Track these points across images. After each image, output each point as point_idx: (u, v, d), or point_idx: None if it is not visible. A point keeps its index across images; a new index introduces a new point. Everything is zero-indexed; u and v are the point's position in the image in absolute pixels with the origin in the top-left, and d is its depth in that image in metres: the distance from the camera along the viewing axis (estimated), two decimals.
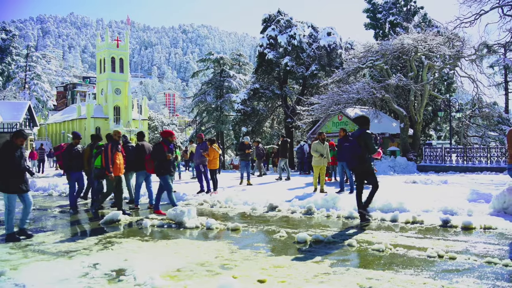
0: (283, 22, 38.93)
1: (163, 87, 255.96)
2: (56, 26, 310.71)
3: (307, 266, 5.31)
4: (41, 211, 11.13)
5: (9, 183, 7.30)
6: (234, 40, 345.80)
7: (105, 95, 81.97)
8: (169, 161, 9.70)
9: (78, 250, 6.46)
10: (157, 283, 4.65)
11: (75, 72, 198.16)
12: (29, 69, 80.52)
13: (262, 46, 38.68)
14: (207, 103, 53.17)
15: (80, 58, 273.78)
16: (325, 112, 26.14)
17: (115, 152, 9.77)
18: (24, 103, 65.84)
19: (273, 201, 10.25)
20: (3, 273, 5.20)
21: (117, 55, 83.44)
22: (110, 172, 9.58)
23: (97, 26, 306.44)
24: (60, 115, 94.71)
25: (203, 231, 7.80)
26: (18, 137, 7.45)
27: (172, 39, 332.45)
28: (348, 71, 27.10)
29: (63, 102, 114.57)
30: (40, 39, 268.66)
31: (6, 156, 7.30)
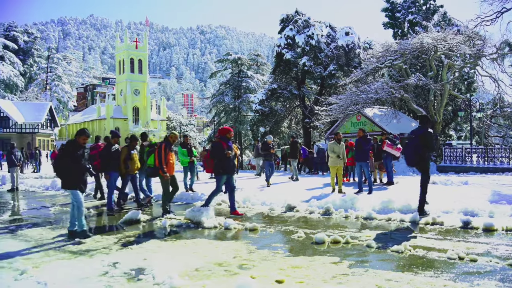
0: (301, 22, 38.82)
1: (181, 87, 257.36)
2: (76, 28, 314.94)
3: (325, 267, 5.29)
4: (62, 210, 11.28)
5: (74, 181, 7.43)
6: (252, 41, 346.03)
7: (124, 96, 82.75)
8: (228, 159, 9.28)
9: (98, 249, 6.53)
10: (176, 282, 4.68)
11: (95, 73, 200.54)
12: (50, 70, 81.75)
13: (280, 46, 38.63)
14: (225, 103, 53.34)
15: (100, 59, 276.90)
16: (343, 112, 26.02)
17: (168, 152, 9.66)
18: (45, 104, 66.92)
19: (291, 202, 10.23)
20: (26, 271, 5.30)
21: (136, 56, 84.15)
22: (164, 172, 9.46)
23: (116, 28, 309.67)
24: (80, 115, 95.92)
25: (221, 231, 7.82)
26: (81, 135, 7.51)
27: (190, 40, 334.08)
28: (366, 71, 26.93)
29: (83, 103, 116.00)
30: (61, 41, 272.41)
31: (69, 154, 7.39)
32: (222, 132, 9.55)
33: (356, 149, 12.63)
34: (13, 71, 67.15)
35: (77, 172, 7.47)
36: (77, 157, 7.42)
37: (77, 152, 7.44)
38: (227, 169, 9.25)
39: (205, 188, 14.56)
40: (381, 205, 9.30)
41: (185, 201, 11.96)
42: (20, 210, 11.58)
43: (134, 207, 10.92)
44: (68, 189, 7.52)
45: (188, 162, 13.57)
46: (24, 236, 7.69)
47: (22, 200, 14.03)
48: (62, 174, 7.53)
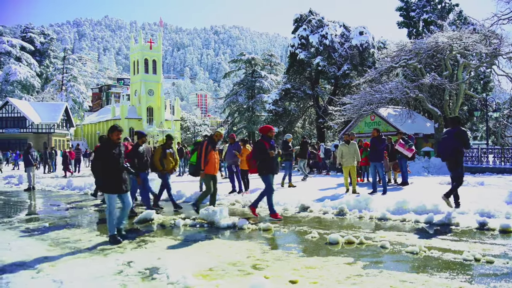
0: (314, 22, 38.71)
1: (195, 88, 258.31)
2: (91, 29, 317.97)
3: (339, 268, 5.27)
4: (77, 209, 11.40)
5: (108, 183, 7.01)
6: (265, 41, 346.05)
7: (139, 96, 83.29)
8: (272, 158, 9.01)
9: (112, 248, 6.59)
10: (190, 282, 4.70)
11: (109, 74, 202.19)
12: (66, 71, 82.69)
13: (293, 46, 38.57)
14: (239, 103, 53.43)
15: (115, 60, 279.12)
16: (357, 112, 25.86)
17: (210, 151, 9.46)
18: (61, 105, 67.70)
19: (305, 202, 10.21)
20: (42, 270, 5.37)
21: (150, 56, 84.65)
22: (201, 170, 9.34)
23: (131, 29, 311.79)
24: (95, 116, 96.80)
25: (235, 231, 7.83)
26: (113, 132, 7.12)
27: (204, 40, 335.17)
28: (380, 71, 26.73)
29: (98, 103, 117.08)
30: (77, 42, 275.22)
31: (104, 154, 7.03)
32: (264, 130, 9.29)
33: (371, 149, 12.57)
34: (29, 72, 68.02)
35: (113, 173, 7.04)
36: (112, 157, 7.03)
37: (112, 151, 7.04)
38: (272, 168, 9.04)
39: (220, 188, 14.57)
40: (396, 205, 9.23)
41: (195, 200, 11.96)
42: (37, 209, 11.72)
43: (154, 208, 10.97)
44: (103, 192, 7.22)
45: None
46: (41, 235, 7.78)
47: (39, 199, 14.20)
48: (97, 176, 7.17)
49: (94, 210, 11.06)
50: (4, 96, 66.93)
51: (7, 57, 67.27)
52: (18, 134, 60.95)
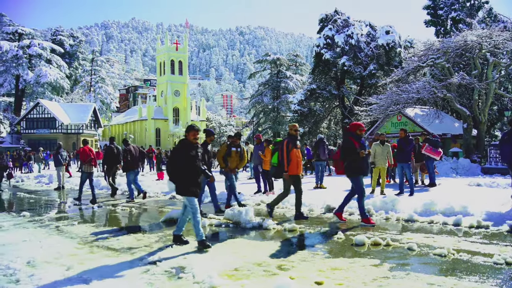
0: (340, 21, 38.45)
1: (221, 88, 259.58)
2: (119, 31, 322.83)
3: (365, 269, 5.23)
4: (104, 208, 11.59)
5: (188, 185, 6.69)
6: (290, 41, 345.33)
7: (165, 97, 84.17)
8: (362, 159, 8.30)
9: (139, 247, 6.68)
10: (215, 281, 4.73)
11: (136, 75, 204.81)
12: (94, 73, 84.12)
13: (319, 46, 38.38)
14: (264, 104, 53.49)
15: (141, 61, 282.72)
16: (384, 112, 25.59)
17: (292, 149, 8.80)
18: (89, 106, 68.92)
19: (331, 203, 10.14)
20: (71, 267, 5.49)
21: (176, 58, 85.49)
22: (285, 171, 8.72)
23: (157, 30, 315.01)
24: (122, 116, 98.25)
25: (260, 231, 7.84)
26: (190, 131, 6.79)
27: (230, 41, 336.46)
28: (407, 70, 26.38)
29: (125, 104, 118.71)
30: (104, 44, 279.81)
31: (180, 156, 6.70)
32: (352, 128, 8.60)
33: (397, 150, 12.42)
34: (59, 73, 69.39)
35: (191, 175, 6.72)
36: (190, 159, 6.70)
37: (190, 152, 6.71)
38: (362, 169, 8.38)
39: (245, 188, 14.62)
40: (423, 207, 9.10)
41: (225, 201, 12.02)
42: (66, 208, 11.96)
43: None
44: (182, 195, 6.82)
45: None
46: (70, 233, 7.95)
47: (68, 198, 14.48)
48: (174, 178, 6.77)
49: (121, 209, 11.22)
50: (35, 97, 68.50)
51: (38, 59, 68.78)
52: (48, 135, 62.33)
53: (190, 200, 6.68)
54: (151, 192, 15.11)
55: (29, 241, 7.28)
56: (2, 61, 65.98)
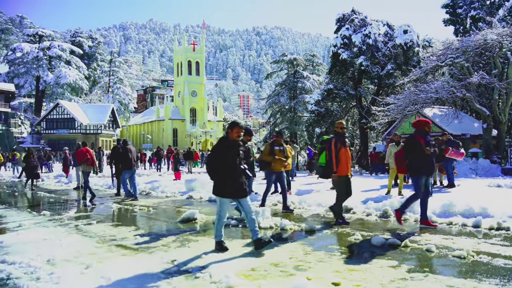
0: (357, 21, 38.22)
1: (238, 89, 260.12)
2: (136, 33, 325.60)
3: (383, 271, 5.19)
4: (123, 208, 11.71)
5: (222, 185, 6.27)
6: (307, 41, 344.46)
7: (182, 98, 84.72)
8: (427, 157, 7.77)
9: (157, 247, 6.73)
10: (232, 281, 4.74)
11: (154, 76, 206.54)
12: (113, 73, 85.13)
13: (336, 46, 38.20)
14: (281, 104, 53.40)
15: (159, 62, 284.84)
16: (402, 112, 25.37)
17: (340, 148, 8.37)
18: (108, 106, 69.74)
19: (348, 203, 10.08)
20: (90, 266, 5.56)
21: (193, 58, 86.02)
22: (334, 172, 8.29)
23: (175, 31, 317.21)
24: (140, 117, 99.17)
25: (277, 232, 7.84)
26: (233, 128, 6.32)
27: (246, 41, 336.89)
28: (426, 70, 26.11)
29: (143, 105, 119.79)
30: (122, 45, 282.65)
31: (219, 153, 6.30)
32: (419, 125, 8.09)
33: None
34: (78, 75, 70.40)
35: (230, 175, 6.27)
36: (230, 157, 6.29)
37: (231, 150, 6.31)
38: (426, 169, 7.85)
39: (261, 188, 14.62)
40: (442, 208, 9.00)
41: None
42: (85, 207, 12.11)
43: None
44: (216, 195, 6.41)
45: None
46: (89, 232, 8.05)
47: (87, 197, 14.65)
48: (213, 177, 6.38)
49: (138, 209, 11.33)
50: (55, 98, 69.59)
51: (58, 60, 69.85)
52: (67, 135, 63.24)
53: (222, 202, 6.37)
54: (168, 192, 15.23)
55: (49, 239, 7.39)
56: (23, 62, 67.20)
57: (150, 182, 17.91)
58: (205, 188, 14.58)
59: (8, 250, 6.61)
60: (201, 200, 13.15)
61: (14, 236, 7.75)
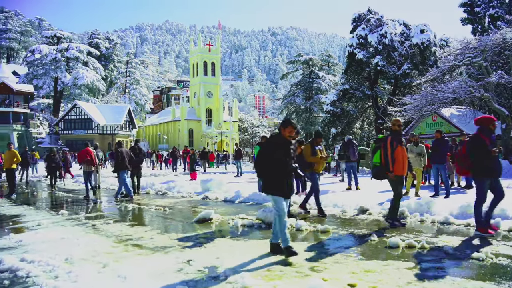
0: (373, 20, 38.01)
1: (253, 89, 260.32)
2: (153, 34, 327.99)
3: (399, 272, 5.15)
4: (139, 207, 11.80)
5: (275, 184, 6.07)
6: (323, 41, 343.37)
7: (198, 98, 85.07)
8: (494, 158, 7.13)
9: (173, 246, 6.76)
10: (248, 281, 4.74)
11: (170, 77, 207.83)
12: (129, 74, 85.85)
13: (351, 46, 38.04)
14: (296, 104, 53.39)
15: (175, 63, 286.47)
16: (418, 112, 25.18)
17: (397, 146, 7.99)
18: (124, 107, 70.33)
19: (364, 204, 10.04)
20: (107, 265, 5.61)
21: (209, 59, 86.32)
22: (390, 171, 7.93)
23: (190, 32, 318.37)
24: (156, 117, 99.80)
25: (292, 232, 7.81)
26: (286, 126, 6.15)
27: (262, 42, 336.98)
28: (443, 70, 25.86)
29: (159, 105, 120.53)
30: (139, 46, 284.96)
31: (271, 151, 6.12)
32: (484, 121, 7.33)
33: (433, 150, 12.19)
34: (95, 76, 71.13)
35: (280, 173, 6.09)
36: (282, 156, 6.08)
37: (281, 148, 6.10)
38: (492, 171, 7.14)
39: None
40: (459, 209, 8.89)
41: (256, 201, 12.09)
42: (102, 207, 12.24)
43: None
44: (268, 193, 6.18)
45: None
46: (106, 232, 8.13)
47: (104, 197, 14.81)
48: (263, 175, 6.28)
49: (154, 209, 11.40)
50: (72, 99, 70.42)
51: (75, 62, 70.68)
52: (84, 135, 63.88)
53: (277, 200, 6.08)
54: (184, 192, 15.30)
55: (67, 238, 7.48)
56: (42, 64, 68.14)
57: (166, 182, 18.01)
58: (221, 189, 14.64)
59: (27, 249, 6.71)
60: (216, 200, 13.19)
61: (33, 235, 7.86)
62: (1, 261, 5.75)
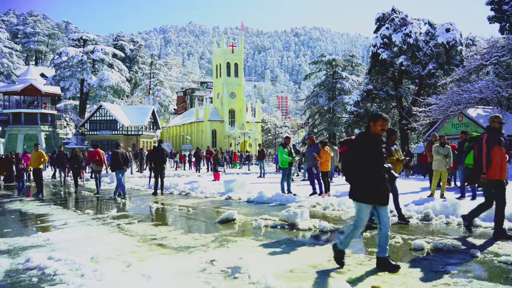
0: (397, 20, 37.57)
1: (276, 90, 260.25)
2: (176, 35, 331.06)
3: (425, 275, 5.07)
4: (163, 207, 11.92)
5: (363, 188, 5.27)
6: (346, 41, 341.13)
7: (221, 99, 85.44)
8: None
9: (196, 246, 6.81)
10: (271, 282, 4.74)
11: (193, 78, 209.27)
12: (153, 76, 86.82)
13: (375, 46, 37.68)
14: (319, 105, 53.17)
15: (198, 64, 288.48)
16: (444, 113, 24.80)
17: (493, 147, 6.91)
18: (148, 108, 71.06)
19: (388, 205, 9.90)
20: (132, 264, 5.69)
21: (232, 60, 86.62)
22: (482, 173, 6.97)
23: (214, 33, 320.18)
24: (179, 118, 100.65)
25: (315, 234, 7.79)
26: (377, 120, 5.29)
27: (285, 42, 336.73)
28: (469, 69, 25.42)
29: (182, 106, 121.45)
30: (163, 48, 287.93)
31: (361, 151, 5.31)
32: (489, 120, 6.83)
33: (459, 152, 11.99)
34: (120, 77, 72.10)
35: (373, 177, 5.26)
36: (375, 155, 5.30)
37: (374, 147, 5.31)
38: None
39: (300, 190, 14.58)
40: (487, 211, 8.71)
41: (279, 202, 12.08)
42: (126, 207, 12.39)
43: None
44: (355, 200, 5.37)
45: (288, 163, 13.57)
46: (130, 231, 8.23)
47: (128, 197, 15.00)
48: (351, 179, 5.44)
49: (178, 209, 11.49)
50: (98, 100, 71.51)
51: (101, 64, 71.82)
52: (109, 136, 64.81)
53: (362, 209, 5.31)
54: (207, 192, 15.39)
55: (92, 237, 7.62)
56: (68, 66, 69.45)
57: (189, 183, 18.13)
58: (244, 189, 14.68)
59: (54, 247, 6.85)
60: (240, 201, 13.22)
61: (60, 234, 8.03)
62: (30, 259, 5.89)
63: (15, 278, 5.29)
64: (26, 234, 8.15)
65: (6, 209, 12.39)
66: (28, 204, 13.55)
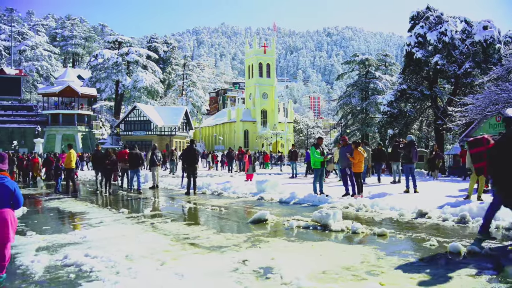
0: (432, 18, 36.78)
1: (308, 90, 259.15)
2: (209, 37, 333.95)
3: (461, 280, 4.96)
4: (195, 207, 12.03)
5: None
6: (379, 41, 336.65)
7: (253, 100, 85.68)
8: None
9: (228, 246, 6.85)
10: (303, 283, 4.73)
11: (225, 79, 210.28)
12: (186, 77, 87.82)
13: (409, 45, 36.98)
14: (352, 105, 52.62)
15: (230, 65, 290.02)
16: (481, 113, 24.15)
17: None
18: (181, 109, 71.91)
19: (423, 207, 9.74)
20: (165, 262, 5.79)
21: (264, 60, 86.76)
22: None
23: (246, 34, 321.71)
24: (212, 119, 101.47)
25: (348, 235, 7.72)
26: None
27: (317, 42, 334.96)
28: (508, 68, 24.70)
29: (215, 107, 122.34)
30: (196, 49, 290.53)
31: None
32: None
33: None
34: (154, 78, 73.23)
35: None
36: None
37: None
38: None
39: (333, 191, 14.48)
40: None
41: (312, 203, 12.03)
42: (160, 206, 12.58)
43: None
44: None
45: (320, 163, 13.48)
46: (164, 230, 8.35)
47: (162, 197, 15.22)
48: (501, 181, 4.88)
49: (210, 209, 11.58)
50: (132, 101, 72.85)
51: (135, 65, 73.16)
52: (143, 136, 65.94)
53: None
54: (239, 192, 15.44)
55: (127, 236, 7.77)
56: (104, 68, 71.06)
57: (221, 183, 18.25)
58: (276, 190, 14.66)
59: (90, 245, 7.03)
60: (272, 201, 13.22)
61: (96, 232, 8.23)
62: (68, 255, 6.06)
63: (53, 274, 5.46)
64: (64, 231, 8.39)
65: (45, 207, 12.79)
66: (65, 202, 13.93)
